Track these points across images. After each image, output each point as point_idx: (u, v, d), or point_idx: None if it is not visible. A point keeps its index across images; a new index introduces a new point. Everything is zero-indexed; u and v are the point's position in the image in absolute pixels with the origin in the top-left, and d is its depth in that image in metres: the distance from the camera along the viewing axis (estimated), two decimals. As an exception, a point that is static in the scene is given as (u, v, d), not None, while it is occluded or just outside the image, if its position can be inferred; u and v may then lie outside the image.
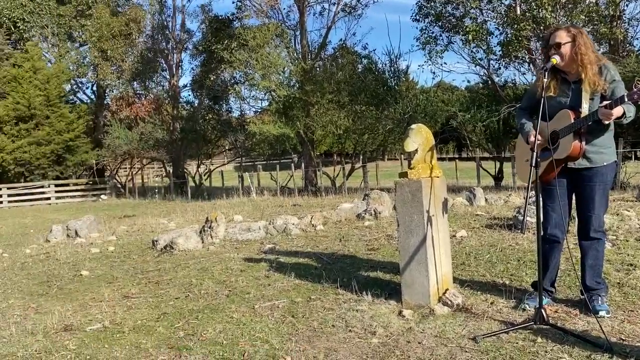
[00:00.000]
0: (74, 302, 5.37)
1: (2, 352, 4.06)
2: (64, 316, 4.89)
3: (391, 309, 4.26)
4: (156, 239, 8.09)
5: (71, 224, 10.25)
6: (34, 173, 25.05)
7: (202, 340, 3.97)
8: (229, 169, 35.82)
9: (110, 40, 26.01)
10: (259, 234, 8.16)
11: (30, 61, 25.32)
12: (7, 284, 6.58)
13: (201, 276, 5.99)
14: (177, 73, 28.56)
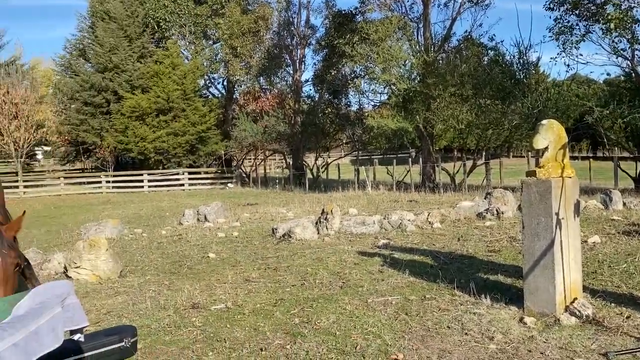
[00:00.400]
0: (201, 282, 5.78)
1: (138, 322, 4.49)
2: (192, 294, 5.29)
3: (511, 314, 4.04)
4: (276, 227, 8.43)
5: (201, 209, 11.02)
6: (170, 161, 27.35)
7: (316, 328, 4.07)
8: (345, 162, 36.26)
9: (240, 37, 27.49)
10: (374, 228, 8.16)
11: (169, 58, 27.58)
12: (145, 261, 7.25)
13: (316, 266, 6.14)
14: (300, 68, 29.45)
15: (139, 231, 10.01)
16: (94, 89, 28.72)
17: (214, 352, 3.78)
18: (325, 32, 28.13)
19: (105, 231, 9.36)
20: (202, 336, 4.11)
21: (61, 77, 32.51)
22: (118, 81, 28.32)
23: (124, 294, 5.56)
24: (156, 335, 4.21)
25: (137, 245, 8.65)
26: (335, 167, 30.72)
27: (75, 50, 32.08)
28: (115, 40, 28.56)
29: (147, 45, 29.78)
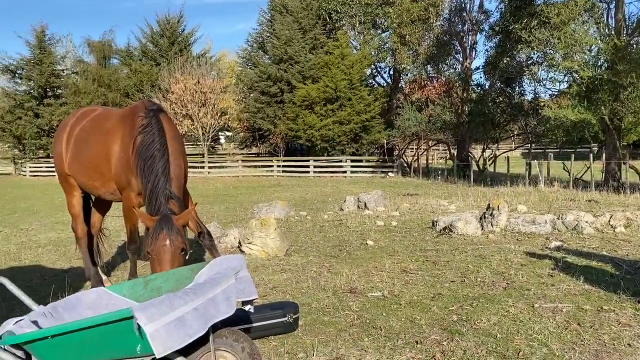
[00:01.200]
0: (359, 268, 5.91)
1: (300, 300, 4.74)
2: (350, 279, 5.43)
3: None
4: (436, 220, 8.25)
5: (362, 197, 11.23)
6: (335, 148, 28.34)
7: (475, 328, 3.91)
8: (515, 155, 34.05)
9: (409, 25, 27.26)
10: (545, 229, 7.56)
11: (339, 48, 28.43)
12: (308, 243, 7.62)
13: (478, 263, 5.89)
14: (471, 55, 28.25)
15: (303, 214, 10.55)
16: (270, 80, 30.82)
17: (369, 338, 3.84)
18: (500, 17, 26.56)
19: (274, 212, 10.04)
20: (359, 321, 4.20)
21: (242, 69, 35.47)
22: (291, 72, 30.02)
23: (288, 271, 5.92)
24: (316, 314, 4.41)
25: (302, 227, 9.12)
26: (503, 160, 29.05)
27: (255, 43, 34.73)
28: (290, 33, 30.27)
29: (319, 36, 31.04)
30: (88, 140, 5.10)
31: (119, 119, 4.91)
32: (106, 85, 33.68)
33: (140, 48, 36.46)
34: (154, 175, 4.16)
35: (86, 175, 5.11)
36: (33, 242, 8.72)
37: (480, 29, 28.34)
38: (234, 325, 3.16)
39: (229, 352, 2.90)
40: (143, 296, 3.21)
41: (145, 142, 4.32)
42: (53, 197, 17.35)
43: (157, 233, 3.72)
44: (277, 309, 3.94)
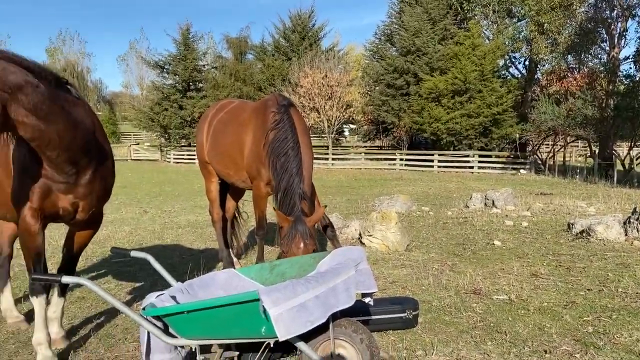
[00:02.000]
0: (484, 269, 5.66)
1: (420, 297, 4.66)
2: (474, 280, 5.23)
3: None
4: (572, 222, 7.64)
5: (489, 194, 10.74)
6: (461, 143, 27.36)
7: (614, 343, 3.56)
8: (671, 155, 30.35)
9: (548, 13, 25.40)
10: None
11: (470, 39, 27.33)
12: (430, 239, 7.46)
13: (620, 272, 5.35)
14: (619, 44, 25.61)
15: (426, 209, 10.35)
16: (397, 72, 30.55)
17: (493, 342, 3.67)
18: (657, -1, 23.75)
19: (396, 205, 9.96)
20: (482, 324, 4.04)
21: (369, 62, 35.56)
22: (419, 64, 29.50)
23: (408, 267, 5.85)
24: (436, 313, 4.31)
25: (424, 222, 8.95)
26: (654, 159, 26.04)
27: (383, 36, 34.61)
28: (419, 24, 29.72)
29: (449, 27, 30.11)
30: (225, 130, 5.49)
31: (252, 111, 5.20)
32: (242, 80, 35.69)
33: (273, 43, 38.07)
34: (288, 175, 4.40)
35: (222, 163, 5.49)
36: (174, 223, 9.54)
37: (632, 15, 25.55)
38: (353, 316, 3.19)
39: (347, 342, 2.94)
40: (269, 280, 3.37)
41: (278, 139, 4.56)
42: (192, 182, 18.84)
43: (292, 236, 4.01)
44: (397, 304, 3.91)
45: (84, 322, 4.33)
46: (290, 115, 4.69)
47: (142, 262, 5.74)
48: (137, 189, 16.61)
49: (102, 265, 6.37)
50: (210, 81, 36.20)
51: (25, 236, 3.34)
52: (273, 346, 2.82)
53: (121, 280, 5.60)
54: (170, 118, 35.53)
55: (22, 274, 5.52)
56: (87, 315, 4.48)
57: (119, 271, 5.99)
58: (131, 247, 6.01)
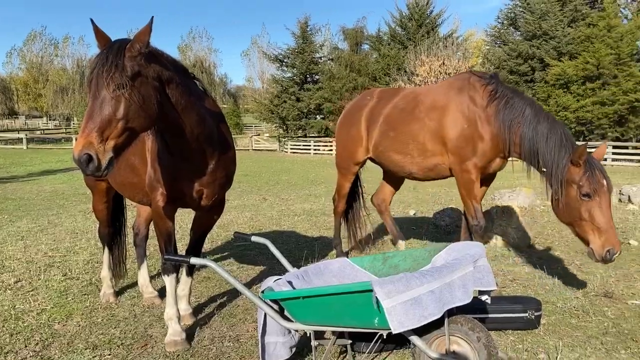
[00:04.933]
0: (618, 270, 5.18)
1: (543, 297, 4.37)
2: (605, 281, 4.81)
3: None
4: None
5: (625, 189, 9.79)
6: (593, 132, 25.13)
7: None
8: None
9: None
10: None
11: (605, 19, 24.95)
12: (555, 236, 6.97)
13: None
14: None
15: (548, 203, 9.67)
16: (521, 57, 28.83)
17: (626, 351, 3.35)
18: None
19: (517, 199, 9.43)
20: (614, 330, 3.70)
21: (490, 47, 33.91)
22: (545, 48, 27.57)
23: (530, 265, 5.52)
24: (561, 315, 4.03)
25: (548, 218, 8.38)
26: None
27: (506, 20, 32.79)
28: (547, 6, 27.74)
29: (580, 7, 27.75)
30: (408, 118, 5.08)
31: (447, 93, 4.86)
32: (356, 71, 35.82)
33: (390, 32, 37.68)
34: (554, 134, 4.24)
35: (404, 152, 5.10)
36: (290, 210, 9.87)
37: None
38: (469, 313, 3.09)
39: (463, 340, 2.85)
40: (381, 271, 3.36)
41: (508, 106, 4.48)
42: (308, 172, 19.34)
43: (591, 174, 3.97)
44: (517, 303, 3.72)
45: (209, 301, 4.63)
46: (499, 81, 4.72)
47: (261, 246, 6.03)
48: (257, 177, 17.40)
49: (226, 248, 6.77)
50: (326, 73, 36.80)
51: (157, 219, 3.64)
52: (386, 337, 2.82)
53: (242, 263, 5.92)
54: (288, 110, 36.73)
55: (156, 253, 6.03)
56: (212, 294, 4.80)
57: (240, 254, 6.33)
58: (252, 232, 6.31)
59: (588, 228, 3.96)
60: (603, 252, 3.87)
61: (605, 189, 3.96)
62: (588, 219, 3.95)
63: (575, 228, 4.10)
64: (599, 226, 3.91)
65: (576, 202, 4.00)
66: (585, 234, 4.00)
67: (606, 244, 3.87)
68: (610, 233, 3.89)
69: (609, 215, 3.94)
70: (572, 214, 4.06)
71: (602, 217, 3.91)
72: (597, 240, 3.92)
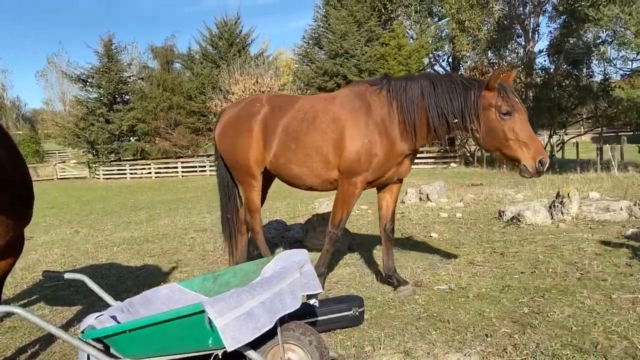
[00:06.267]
0: (424, 261, 5.83)
1: (365, 294, 4.73)
2: (415, 272, 5.37)
3: None
4: (503, 210, 8.01)
5: (424, 189, 11.05)
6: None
7: (549, 320, 3.76)
8: (585, 140, 32.44)
9: (468, 11, 26.54)
10: (620, 216, 7.16)
11: (395, 39, 28.08)
12: (370, 237, 7.59)
13: (549, 254, 5.67)
14: (533, 38, 27.15)
15: (364, 207, 10.51)
16: (327, 75, 30.87)
17: (437, 331, 3.78)
18: (565, -4, 25.36)
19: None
20: (426, 314, 4.15)
21: (299, 66, 35.73)
22: (347, 66, 29.94)
23: (352, 265, 5.92)
24: (381, 307, 4.39)
25: (364, 220, 9.10)
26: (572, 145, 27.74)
27: (311, 40, 34.87)
28: (345, 27, 30.19)
29: (375, 28, 30.78)
30: (309, 128, 4.83)
31: (348, 103, 4.74)
32: (170, 89, 34.85)
33: (201, 51, 37.41)
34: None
35: (305, 164, 4.86)
36: (109, 241, 9.18)
37: (543, 10, 27.18)
38: (300, 319, 3.20)
39: (297, 346, 2.94)
40: (213, 291, 3.31)
41: (404, 99, 4.45)
42: (126, 198, 18.21)
43: (507, 92, 4.11)
44: (342, 303, 3.96)
45: (17, 353, 4.08)
46: (390, 80, 4.67)
47: (77, 283, 5.50)
48: (66, 209, 15.86)
49: (34, 291, 6.04)
50: (137, 92, 35.12)
51: None
52: (222, 357, 2.78)
53: (56, 306, 5.33)
54: (97, 133, 34.13)
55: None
56: (20, 344, 4.23)
57: (53, 296, 5.70)
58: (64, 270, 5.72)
59: (515, 146, 4.07)
60: (535, 164, 4.02)
61: (520, 106, 4.13)
62: (513, 137, 4.06)
63: (504, 151, 4.18)
64: (525, 140, 4.04)
65: (498, 124, 4.10)
66: (513, 153, 4.10)
67: (536, 155, 4.02)
68: (537, 144, 4.07)
69: (530, 130, 4.12)
70: (497, 138, 4.15)
71: (526, 131, 4.06)
72: (527, 155, 4.04)
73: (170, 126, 33.48)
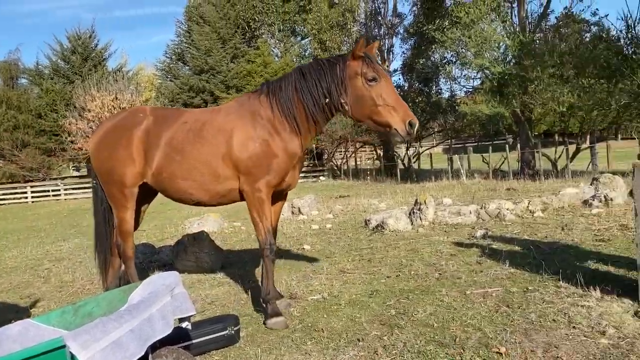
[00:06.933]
0: (298, 273, 5.92)
1: (241, 312, 4.67)
2: (289, 285, 5.43)
3: (625, 308, 3.76)
4: (368, 219, 8.43)
5: (295, 202, 11.27)
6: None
7: (413, 320, 4.03)
8: (438, 151, 35.42)
9: (328, 31, 27.75)
10: (470, 219, 7.92)
11: (261, 57, 28.46)
12: (244, 253, 7.55)
13: (411, 257, 6.07)
14: (389, 58, 29.16)
15: (237, 224, 10.43)
16: (193, 91, 30.30)
17: (312, 341, 3.86)
18: (413, 19, 27.59)
19: (206, 225, 9.85)
20: (301, 326, 4.22)
21: (162, 81, 34.61)
22: (214, 82, 29.67)
23: (226, 284, 5.83)
24: (257, 324, 4.38)
25: (237, 238, 9.02)
26: (427, 156, 30.13)
27: (174, 55, 34.01)
28: (210, 43, 29.92)
29: (239, 45, 30.91)
30: (196, 140, 4.58)
31: (235, 112, 4.63)
32: (15, 107, 31.74)
33: (51, 66, 34.65)
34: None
35: (191, 178, 4.59)
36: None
37: (396, 32, 29.30)
38: (174, 343, 3.08)
39: (170, 372, 2.83)
40: (74, 323, 3.07)
41: (283, 91, 4.47)
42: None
43: (371, 59, 4.22)
44: (217, 323, 3.88)
45: None
46: (269, 83, 4.65)
47: None
48: None
49: None
50: (-24, 111, 31.47)
51: None
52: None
53: None
54: None
55: None
56: None
57: None
58: None
59: (384, 111, 4.11)
60: (405, 126, 4.06)
61: (385, 73, 4.22)
62: (382, 102, 4.11)
63: (374, 117, 4.20)
64: (393, 105, 4.10)
65: (365, 91, 4.16)
66: (383, 118, 4.13)
67: (405, 117, 4.07)
68: (404, 108, 4.13)
69: (396, 94, 4.20)
70: (365, 105, 4.19)
71: (393, 96, 4.13)
72: (396, 118, 4.09)
73: (16, 147, 30.44)
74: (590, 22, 20.14)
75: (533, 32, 20.46)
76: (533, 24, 21.14)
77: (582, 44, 18.75)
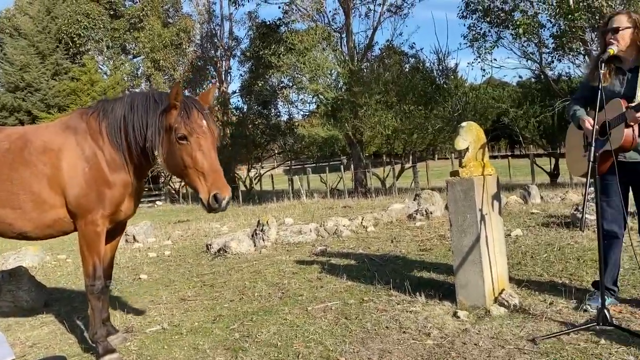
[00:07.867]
0: (135, 305, 5.57)
1: (69, 352, 4.25)
2: (125, 319, 5.08)
3: (445, 310, 4.19)
4: (210, 243, 8.27)
5: (129, 230, 10.60)
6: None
7: (257, 341, 4.03)
8: (278, 173, 36.23)
9: (162, 50, 26.93)
10: (310, 237, 8.20)
11: (87, 74, 26.53)
12: (71, 288, 6.89)
13: (254, 279, 6.09)
14: (227, 80, 29.27)
15: (62, 257, 9.51)
16: (6, 110, 27.09)
17: (152, 375, 3.65)
18: (250, 43, 28.10)
19: (25, 259, 8.81)
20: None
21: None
22: (32, 100, 26.88)
23: (50, 324, 5.26)
24: (89, 364, 4.01)
25: (62, 272, 8.21)
26: (268, 178, 30.63)
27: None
28: (26, 58, 27.10)
29: (62, 61, 28.48)
30: (14, 162, 3.91)
31: (63, 131, 4.01)
32: None
33: None
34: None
35: (10, 206, 3.89)
36: None
37: (233, 55, 29.57)
38: (-15, 398, 2.68)
39: None
40: None
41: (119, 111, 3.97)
42: None
43: (190, 113, 3.68)
44: (41, 368, 3.48)
45: None
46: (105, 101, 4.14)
47: None
48: None
49: None
50: None
51: None
52: None
53: None
54: None
55: None
56: None
57: None
58: None
59: (194, 175, 3.65)
60: (209, 198, 3.58)
61: (204, 130, 3.70)
62: (191, 165, 3.63)
63: (185, 179, 3.81)
64: (202, 171, 3.62)
65: (176, 149, 3.67)
66: (193, 183, 3.69)
67: (212, 188, 3.58)
68: (215, 176, 3.63)
69: (212, 158, 3.69)
70: (175, 163, 3.73)
71: (205, 161, 3.63)
72: (203, 187, 3.62)
73: None
74: (409, 54, 22.48)
75: (360, 61, 22.16)
76: (360, 53, 22.90)
77: (403, 73, 20.82)
